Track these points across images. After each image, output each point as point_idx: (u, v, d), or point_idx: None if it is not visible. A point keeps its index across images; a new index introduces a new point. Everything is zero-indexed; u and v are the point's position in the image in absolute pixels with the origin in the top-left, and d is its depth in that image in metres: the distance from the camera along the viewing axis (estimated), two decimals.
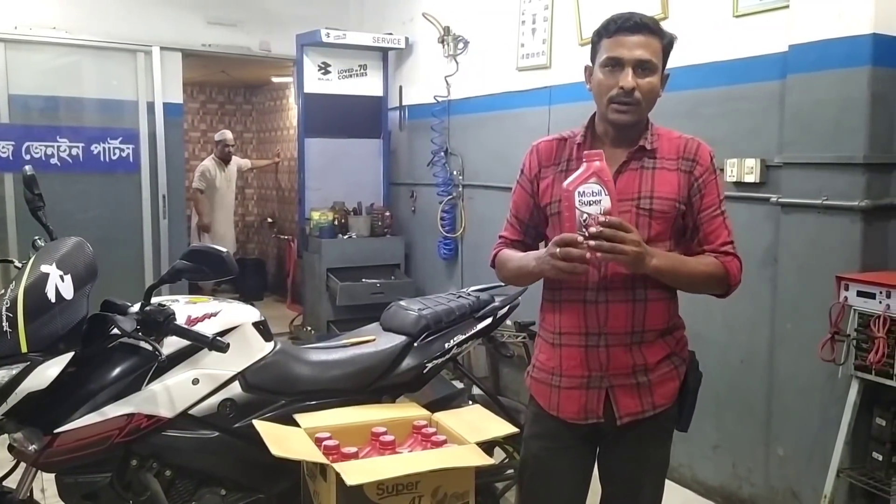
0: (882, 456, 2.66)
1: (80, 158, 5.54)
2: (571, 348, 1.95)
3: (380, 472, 1.84)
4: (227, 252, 2.13)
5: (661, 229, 1.89)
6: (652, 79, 1.87)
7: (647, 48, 1.85)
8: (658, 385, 1.95)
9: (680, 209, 1.91)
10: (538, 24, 4.47)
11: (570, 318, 1.94)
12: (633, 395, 1.93)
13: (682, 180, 1.91)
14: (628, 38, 1.84)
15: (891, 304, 2.54)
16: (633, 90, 1.84)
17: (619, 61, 1.85)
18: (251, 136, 10.15)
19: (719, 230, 1.93)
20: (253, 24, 6.14)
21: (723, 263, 1.91)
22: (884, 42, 2.76)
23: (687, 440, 3.63)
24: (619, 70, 1.85)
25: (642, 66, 1.85)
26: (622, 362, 1.92)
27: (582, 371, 1.94)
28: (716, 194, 1.94)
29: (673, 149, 1.94)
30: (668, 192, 1.89)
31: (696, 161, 1.93)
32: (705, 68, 3.47)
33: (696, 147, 1.95)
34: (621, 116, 1.88)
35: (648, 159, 1.91)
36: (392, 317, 2.80)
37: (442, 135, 5.44)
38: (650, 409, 1.95)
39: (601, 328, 1.90)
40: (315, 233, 5.81)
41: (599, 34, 1.91)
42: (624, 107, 1.86)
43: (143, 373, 2.16)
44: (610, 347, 1.91)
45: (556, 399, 1.98)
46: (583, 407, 1.94)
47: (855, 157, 2.80)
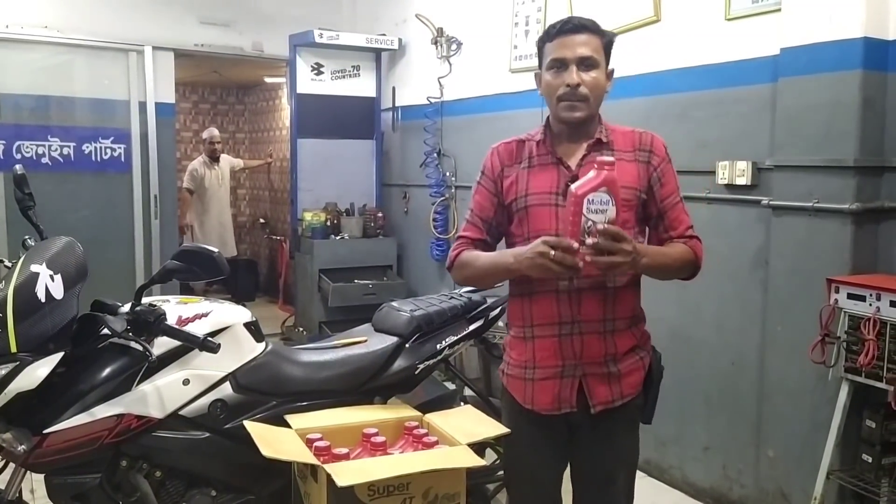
0: (872, 458, 2.67)
1: (72, 158, 5.52)
2: (545, 339, 2.01)
3: (371, 473, 1.83)
4: (219, 252, 2.12)
5: (626, 217, 1.95)
6: (595, 74, 1.96)
7: (587, 46, 1.95)
8: (626, 375, 2.03)
9: (641, 198, 2.01)
10: (531, 26, 4.48)
11: (542, 309, 2.00)
12: (604, 384, 2.00)
13: (641, 170, 2.01)
14: (569, 39, 1.96)
15: (881, 307, 2.55)
16: (579, 86, 1.94)
17: (562, 61, 1.96)
18: (243, 137, 10.14)
19: (681, 216, 2.05)
20: (245, 25, 6.13)
21: (691, 248, 2.03)
22: (874, 46, 2.77)
23: (678, 442, 3.65)
24: (564, 69, 1.96)
25: (585, 62, 1.95)
26: (595, 350, 1.99)
27: (556, 361, 2.00)
28: (674, 182, 2.05)
29: (628, 142, 2.04)
30: (629, 181, 1.97)
31: (652, 152, 2.03)
32: (697, 71, 3.48)
33: (651, 139, 2.05)
34: (572, 113, 1.97)
35: (607, 151, 1.99)
36: (384, 318, 2.79)
37: (435, 136, 5.44)
38: (619, 399, 2.02)
39: (574, 316, 1.97)
40: (307, 233, 5.80)
41: (542, 40, 2.03)
42: (572, 103, 1.96)
43: (133, 373, 2.15)
44: (584, 335, 1.98)
45: (531, 392, 2.04)
46: (556, 397, 2.01)
47: (845, 160, 2.81)
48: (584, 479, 2.11)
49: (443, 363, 2.81)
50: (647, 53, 3.71)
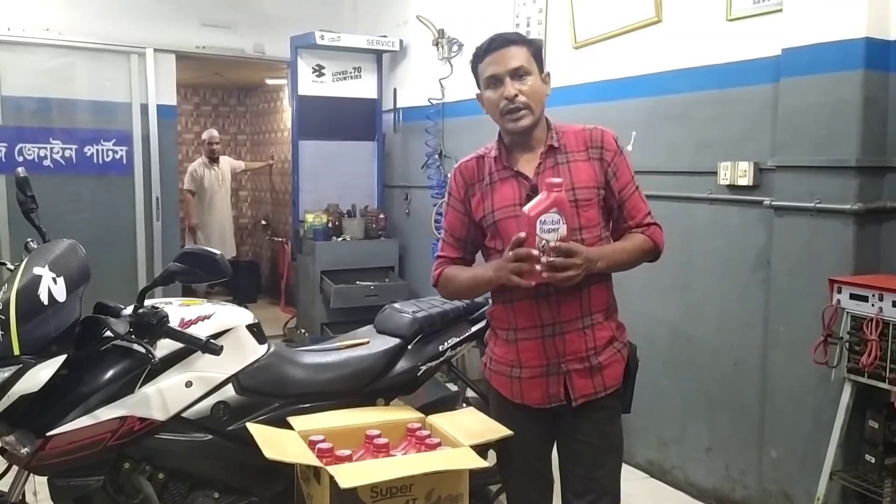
0: (875, 458, 2.67)
1: (74, 160, 5.53)
2: (528, 342, 2.10)
3: (373, 474, 1.84)
4: (221, 254, 2.13)
5: (589, 216, 2.05)
6: (530, 81, 2.04)
7: (516, 57, 2.03)
8: (607, 367, 2.11)
9: (600, 194, 2.08)
10: (532, 28, 4.47)
11: (524, 313, 2.09)
12: (586, 378, 2.09)
13: (596, 167, 2.08)
14: (498, 54, 2.04)
15: (883, 307, 2.55)
16: (516, 96, 2.02)
17: (497, 77, 2.04)
18: (245, 139, 10.14)
19: (638, 205, 2.12)
20: (247, 26, 6.13)
21: (649, 236, 2.11)
22: (876, 46, 2.77)
23: (680, 442, 3.65)
24: (500, 84, 2.04)
25: (517, 73, 2.03)
26: (577, 347, 2.07)
27: (541, 361, 2.09)
28: (628, 173, 2.12)
29: (580, 141, 2.10)
30: (586, 180, 2.06)
31: (603, 147, 2.10)
32: (698, 72, 3.48)
33: (601, 134, 2.11)
34: (517, 123, 2.05)
35: (560, 155, 2.08)
36: (386, 319, 2.79)
37: (436, 137, 5.44)
38: (602, 390, 2.10)
39: (555, 318, 2.06)
40: (309, 235, 5.80)
41: (474, 62, 2.12)
42: (515, 114, 2.04)
43: (135, 375, 2.15)
44: (565, 334, 2.07)
45: (518, 388, 2.14)
46: (545, 393, 2.10)
47: (847, 161, 2.81)
48: (571, 467, 2.17)
49: (445, 365, 2.81)
50: (648, 54, 3.71)
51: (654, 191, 3.55)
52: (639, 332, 2.20)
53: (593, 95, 3.99)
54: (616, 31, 3.86)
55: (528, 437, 2.16)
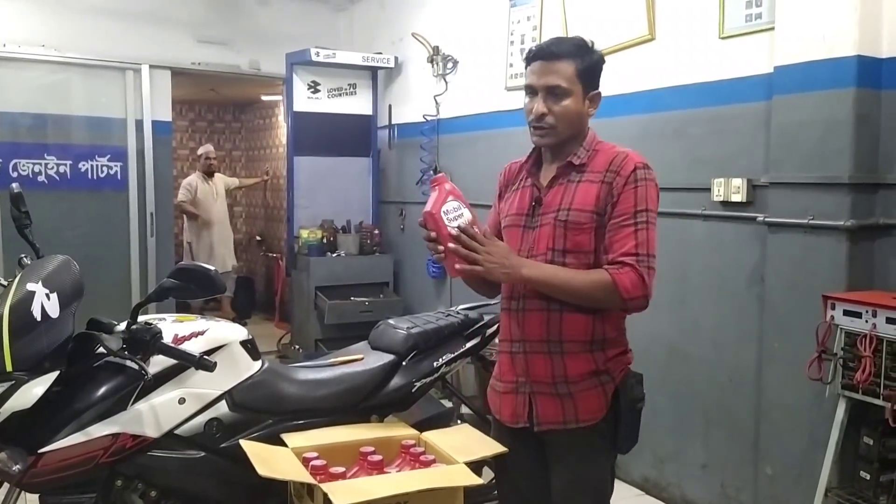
0: (870, 475, 2.66)
1: (68, 176, 5.54)
2: (504, 354, 2.11)
3: (368, 492, 1.82)
4: (215, 269, 2.13)
5: (579, 240, 1.94)
6: (566, 102, 1.94)
7: (557, 74, 1.93)
8: (581, 399, 1.98)
9: (596, 219, 1.94)
10: (527, 45, 4.50)
11: (504, 325, 2.11)
12: (554, 404, 2.00)
13: (602, 191, 1.94)
14: (539, 66, 1.96)
15: (877, 323, 2.55)
16: (543, 115, 1.95)
17: (532, 88, 1.98)
18: (240, 155, 10.15)
19: (624, 240, 1.90)
20: (242, 43, 6.16)
21: (611, 275, 1.87)
22: (868, 64, 2.79)
23: (676, 459, 3.64)
24: (535, 96, 1.97)
25: (552, 91, 1.94)
26: (541, 370, 2.00)
27: (511, 376, 2.07)
28: (631, 204, 1.92)
29: (604, 162, 1.98)
30: (585, 203, 1.94)
31: (618, 173, 1.94)
32: (692, 89, 3.50)
33: (624, 159, 1.97)
34: (540, 140, 2.01)
35: (576, 174, 1.99)
36: (380, 335, 2.79)
37: (431, 153, 5.46)
38: (573, 422, 1.98)
39: (522, 335, 2.02)
40: (303, 251, 5.80)
41: (525, 62, 2.03)
42: (539, 131, 1.98)
43: (128, 392, 2.14)
44: (528, 354, 2.01)
45: (498, 404, 2.13)
46: (513, 411, 2.07)
47: (840, 178, 2.82)
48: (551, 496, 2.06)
49: (440, 381, 2.81)
50: (642, 71, 3.74)
51: None
52: (634, 348, 2.16)
53: None
54: (610, 49, 3.88)
55: (514, 459, 2.10)
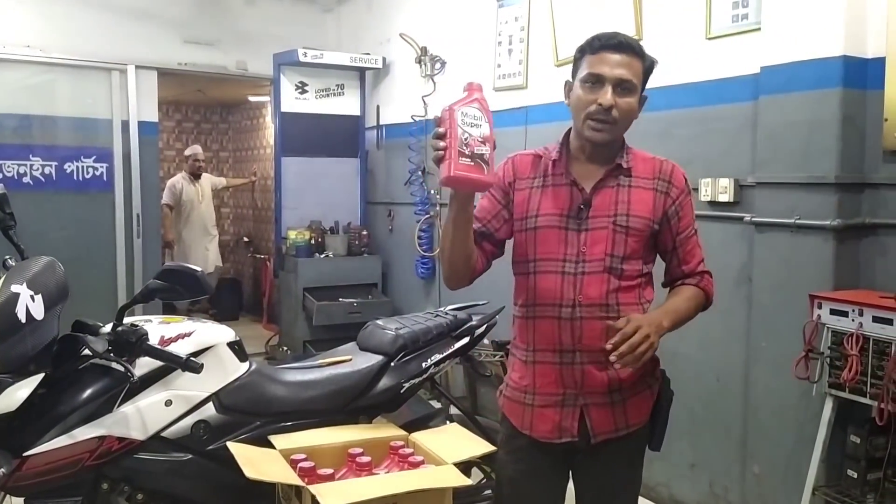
0: (857, 473, 2.67)
1: (53, 177, 5.49)
2: (546, 365, 1.93)
3: (356, 493, 1.82)
4: (201, 271, 2.12)
5: (636, 247, 1.91)
6: (630, 99, 1.88)
7: (628, 68, 1.86)
8: (633, 405, 1.96)
9: (653, 228, 1.93)
10: (514, 45, 4.51)
11: (544, 333, 1.93)
12: (608, 414, 1.93)
13: (658, 200, 1.93)
14: (611, 56, 1.85)
15: (863, 322, 2.57)
16: (611, 108, 1.85)
17: (599, 78, 1.85)
18: (227, 155, 10.11)
19: (694, 250, 2.00)
20: (229, 44, 6.13)
21: (703, 289, 2.01)
22: (853, 64, 2.81)
23: (664, 459, 3.64)
24: (599, 87, 1.85)
25: (622, 85, 1.86)
26: (598, 380, 1.90)
27: (556, 388, 1.93)
28: (691, 216, 1.99)
29: (648, 169, 1.96)
30: (643, 210, 1.91)
31: (671, 183, 1.95)
32: (679, 89, 3.51)
33: (671, 169, 1.98)
34: (596, 134, 1.88)
35: (624, 178, 1.93)
36: (369, 336, 2.78)
37: (419, 154, 5.45)
38: (624, 429, 1.95)
39: (576, 345, 1.89)
40: (291, 252, 5.78)
41: (583, 50, 1.91)
42: (600, 124, 1.87)
43: (114, 394, 2.13)
44: (585, 365, 1.89)
45: (530, 418, 1.97)
46: (557, 426, 1.93)
47: (826, 178, 2.83)
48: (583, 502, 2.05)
49: (428, 382, 2.80)
50: None
51: None
52: None
53: None
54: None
55: (536, 477, 1.99)
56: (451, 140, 1.71)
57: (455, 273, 1.95)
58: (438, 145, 1.72)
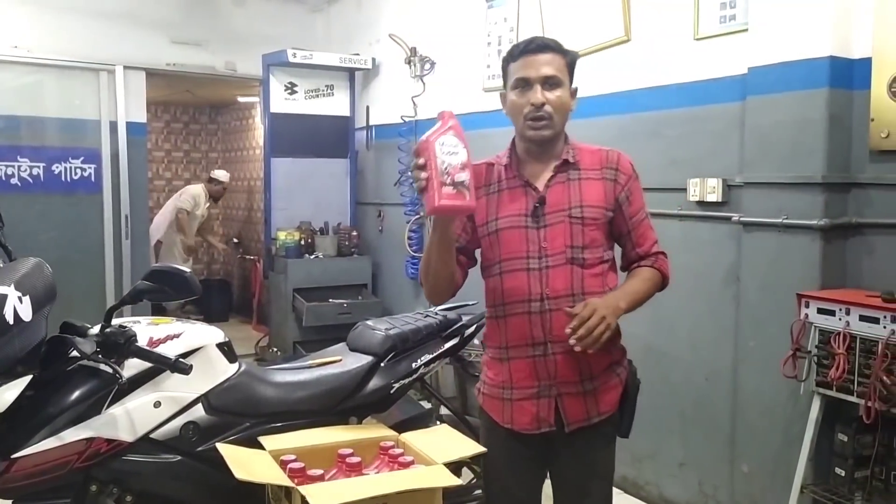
0: (844, 471, 2.69)
1: (41, 178, 5.46)
2: (520, 361, 2.04)
3: (346, 494, 1.81)
4: (190, 272, 2.11)
5: (594, 235, 2.01)
6: (559, 92, 1.99)
7: (551, 65, 1.98)
8: (603, 392, 2.06)
9: (608, 215, 2.04)
10: (504, 46, 4.51)
11: (516, 330, 2.03)
12: (580, 403, 2.03)
13: (608, 188, 2.04)
14: (532, 58, 1.98)
15: (850, 321, 2.58)
16: (543, 104, 1.97)
17: (527, 81, 1.98)
18: (216, 156, 10.08)
19: (647, 233, 2.11)
20: (218, 44, 6.12)
21: (658, 269, 2.10)
22: (840, 65, 2.83)
23: (654, 458, 3.66)
24: (529, 89, 1.98)
25: (549, 81, 1.97)
26: (569, 371, 2.01)
27: (532, 382, 2.03)
28: (641, 199, 2.10)
29: (595, 160, 2.07)
30: (595, 200, 2.02)
31: (619, 170, 2.06)
32: (667, 90, 3.52)
33: (618, 157, 2.08)
34: (537, 133, 2.00)
35: (573, 171, 2.04)
36: (358, 337, 2.78)
37: (409, 154, 5.44)
38: (596, 416, 2.05)
39: (547, 337, 1.99)
40: (281, 253, 5.77)
41: (507, 60, 2.05)
42: (538, 122, 1.99)
43: (103, 396, 2.12)
44: (557, 356, 1.99)
45: (510, 412, 2.07)
46: (535, 417, 2.03)
47: (814, 177, 2.85)
48: (560, 493, 2.13)
49: (418, 382, 2.80)
50: (618, 72, 3.76)
51: None
52: None
53: None
54: (586, 50, 3.90)
55: (518, 468, 2.09)
56: (433, 171, 1.79)
57: (440, 291, 2.08)
58: (420, 176, 1.81)
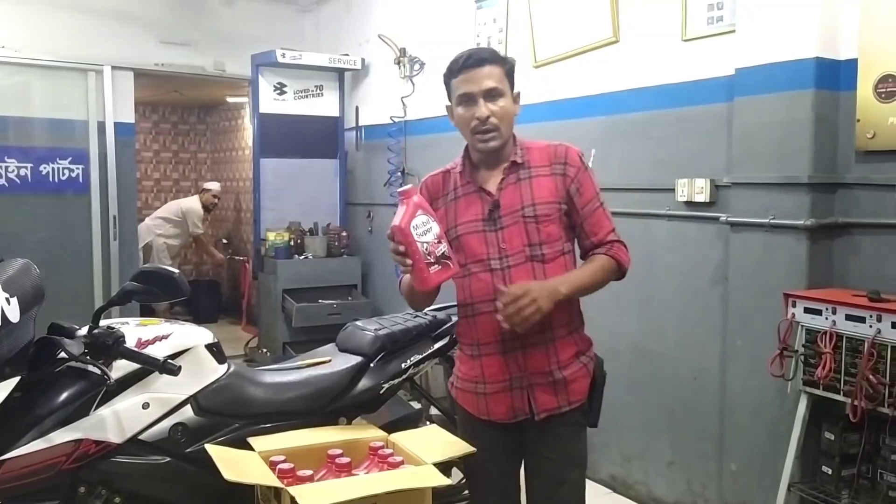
0: (831, 470, 2.71)
1: (29, 179, 5.44)
2: (491, 357, 2.12)
3: (335, 494, 1.82)
4: (179, 273, 2.11)
5: (549, 230, 2.07)
6: (502, 102, 2.06)
7: (491, 77, 2.05)
8: (572, 381, 2.12)
9: (562, 209, 2.10)
10: (493, 47, 4.51)
11: (486, 328, 2.10)
12: (550, 392, 2.10)
13: (559, 183, 2.10)
14: (472, 73, 2.05)
15: (836, 320, 2.60)
16: (488, 118, 2.04)
17: (469, 96, 2.06)
18: (205, 157, 10.05)
19: (601, 221, 2.14)
20: (207, 44, 6.10)
21: (613, 257, 2.11)
22: (826, 65, 2.85)
23: (643, 457, 3.68)
24: (472, 103, 2.05)
25: (490, 94, 2.05)
26: (539, 362, 2.09)
27: (504, 375, 2.11)
28: (592, 189, 2.13)
29: (544, 157, 2.13)
30: (547, 196, 2.08)
31: (567, 163, 2.12)
32: (655, 91, 3.54)
33: (565, 151, 2.14)
34: (486, 144, 2.07)
35: (523, 171, 2.11)
36: (348, 337, 2.78)
37: (399, 155, 5.45)
38: (566, 405, 2.12)
39: (514, 332, 2.03)
40: (270, 253, 5.76)
41: (448, 76, 2.12)
42: (485, 135, 2.06)
43: (91, 397, 2.11)
44: (526, 349, 2.08)
45: (485, 404, 2.15)
46: (510, 407, 2.12)
47: (800, 178, 2.87)
48: (535, 482, 2.18)
49: (408, 382, 2.80)
50: (606, 73, 3.77)
51: (614, 207, 3.55)
52: (601, 348, 2.22)
53: (553, 114, 4.04)
54: (575, 51, 3.92)
55: (495, 454, 2.16)
56: (415, 256, 1.89)
57: (420, 302, 2.22)
58: (406, 263, 1.91)
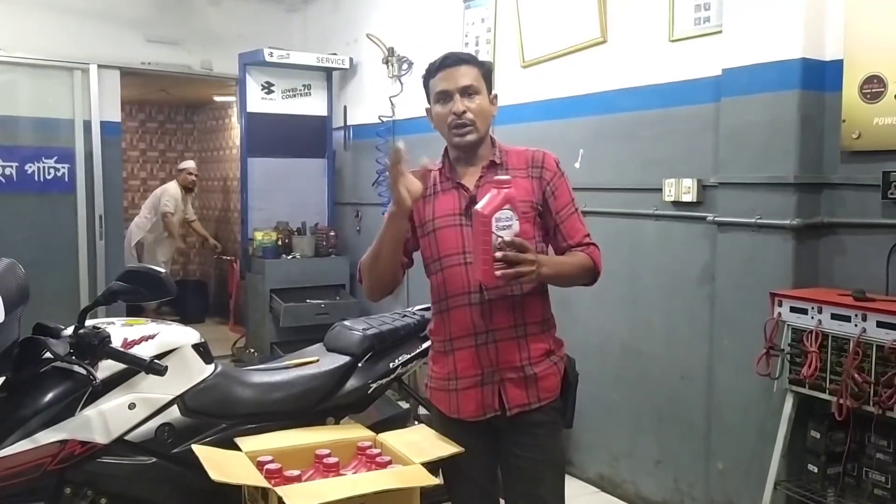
0: (817, 468, 2.72)
1: (14, 178, 5.40)
2: (463, 350, 2.13)
3: (323, 494, 1.81)
4: (165, 272, 2.10)
5: (524, 228, 2.05)
6: (479, 100, 2.12)
7: (467, 76, 2.12)
8: (542, 379, 2.13)
9: (538, 208, 2.15)
10: (481, 47, 4.52)
11: (459, 322, 2.12)
12: (521, 388, 2.11)
13: (535, 185, 2.15)
14: (449, 72, 2.13)
15: (822, 320, 2.62)
16: (465, 112, 2.10)
17: (446, 93, 2.12)
18: (192, 156, 10.00)
19: (576, 226, 2.17)
20: (194, 43, 6.08)
21: (589, 255, 2.14)
22: (812, 66, 2.86)
23: (630, 456, 3.69)
24: (449, 100, 2.12)
25: (467, 91, 2.11)
26: (510, 356, 2.10)
27: (475, 370, 2.12)
28: (567, 194, 2.18)
29: (522, 160, 2.18)
30: (523, 195, 2.09)
31: (544, 167, 2.17)
32: (643, 91, 3.55)
33: (543, 156, 2.19)
34: (462, 139, 2.12)
35: (501, 171, 2.13)
36: (336, 337, 2.78)
37: (387, 154, 5.43)
38: (536, 402, 2.13)
39: (488, 326, 2.09)
40: (258, 253, 5.75)
41: (426, 77, 2.19)
42: (462, 129, 2.11)
43: (76, 398, 2.10)
44: (498, 343, 2.10)
45: (455, 402, 2.16)
46: (480, 403, 2.12)
47: (786, 178, 2.89)
48: (512, 483, 2.18)
49: (396, 382, 2.80)
50: (594, 74, 3.78)
51: (602, 207, 3.62)
52: (589, 347, 2.23)
53: (541, 114, 4.04)
54: (563, 51, 3.92)
55: (470, 454, 2.15)
56: (486, 247, 1.86)
57: (382, 286, 2.17)
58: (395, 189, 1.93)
